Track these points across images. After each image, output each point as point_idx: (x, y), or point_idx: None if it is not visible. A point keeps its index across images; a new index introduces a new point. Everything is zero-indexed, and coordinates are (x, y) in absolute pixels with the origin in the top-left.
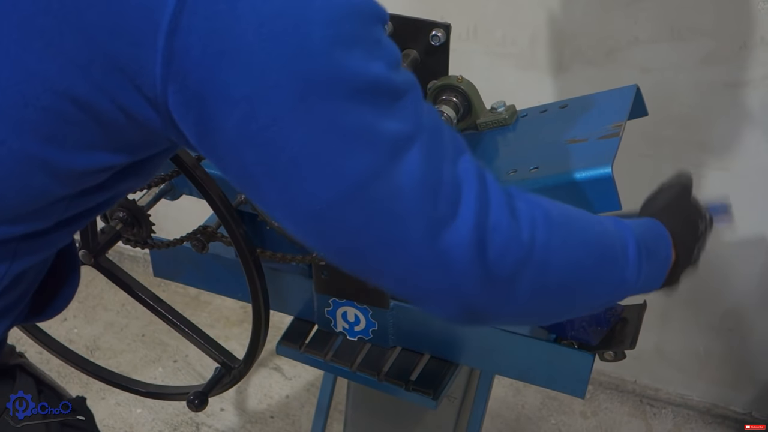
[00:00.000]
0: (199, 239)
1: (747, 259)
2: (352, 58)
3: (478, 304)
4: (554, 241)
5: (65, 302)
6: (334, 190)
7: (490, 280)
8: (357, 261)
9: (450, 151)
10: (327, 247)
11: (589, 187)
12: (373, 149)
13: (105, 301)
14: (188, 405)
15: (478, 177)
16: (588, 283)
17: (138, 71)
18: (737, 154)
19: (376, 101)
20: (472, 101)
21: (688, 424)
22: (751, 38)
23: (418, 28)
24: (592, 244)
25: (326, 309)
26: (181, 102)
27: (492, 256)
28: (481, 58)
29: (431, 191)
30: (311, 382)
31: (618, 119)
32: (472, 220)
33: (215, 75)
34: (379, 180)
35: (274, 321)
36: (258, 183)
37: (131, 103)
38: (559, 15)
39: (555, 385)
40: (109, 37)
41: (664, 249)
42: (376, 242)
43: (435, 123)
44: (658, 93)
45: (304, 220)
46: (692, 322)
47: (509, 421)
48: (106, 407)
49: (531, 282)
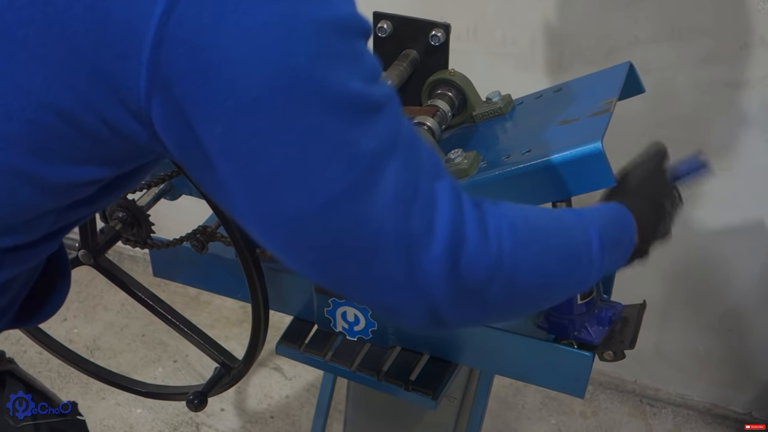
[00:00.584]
0: (199, 239)
1: (747, 259)
2: (335, 73)
3: (447, 313)
4: (520, 250)
5: (55, 308)
6: (311, 203)
7: (460, 292)
8: (329, 274)
9: (426, 167)
10: (299, 260)
11: (582, 164)
12: (351, 163)
13: (105, 301)
14: (188, 405)
15: (452, 193)
16: (553, 284)
17: (122, 84)
18: (737, 154)
19: (356, 115)
20: (467, 94)
21: (688, 424)
22: (751, 38)
23: (418, 28)
24: (558, 246)
25: (326, 309)
26: (164, 114)
27: (463, 270)
28: (481, 58)
29: (406, 206)
30: (311, 382)
31: (609, 96)
32: (445, 235)
33: (199, 88)
34: (356, 194)
35: (274, 321)
36: (234, 195)
37: (115, 116)
38: (559, 15)
39: (555, 385)
40: (93, 48)
41: (628, 235)
42: (349, 256)
43: (412, 138)
44: (658, 93)
45: (277, 232)
46: (692, 322)
47: (509, 421)
48: (106, 407)
49: (499, 291)
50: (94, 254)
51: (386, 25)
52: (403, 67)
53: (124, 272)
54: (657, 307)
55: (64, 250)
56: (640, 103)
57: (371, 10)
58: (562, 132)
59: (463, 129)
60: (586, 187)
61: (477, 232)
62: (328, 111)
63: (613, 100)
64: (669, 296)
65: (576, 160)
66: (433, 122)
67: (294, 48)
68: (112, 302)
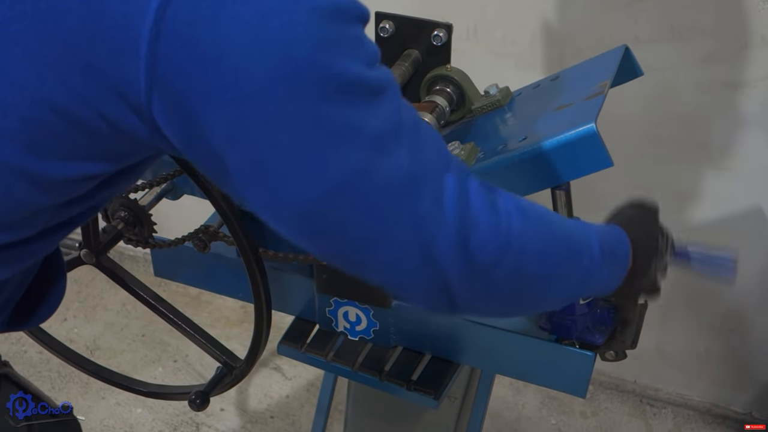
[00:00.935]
0: (201, 239)
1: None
2: (336, 59)
3: (460, 293)
4: (529, 233)
5: (51, 309)
6: (322, 188)
7: (471, 270)
8: (345, 256)
9: (432, 148)
10: (316, 244)
11: (577, 147)
12: (358, 146)
13: (105, 301)
14: (190, 404)
15: (460, 173)
16: (559, 275)
17: (120, 79)
18: (737, 154)
19: (359, 99)
20: (464, 88)
21: (688, 424)
22: (751, 38)
23: (421, 28)
24: (562, 239)
25: (327, 309)
26: (165, 108)
27: (474, 247)
28: (481, 58)
29: (416, 187)
30: (311, 382)
31: (604, 78)
32: (455, 213)
33: (200, 81)
34: (365, 176)
35: (275, 321)
36: (246, 185)
37: (114, 111)
38: (559, 15)
39: (556, 385)
40: (87, 44)
41: (624, 253)
42: (363, 238)
43: (414, 119)
44: (658, 93)
45: (292, 219)
46: (693, 322)
47: (509, 421)
48: (106, 407)
49: (508, 270)
50: (96, 253)
51: (388, 25)
52: (405, 67)
53: (126, 272)
54: (658, 307)
55: (60, 253)
56: (640, 103)
57: (373, 10)
58: (557, 117)
59: (463, 124)
60: (583, 170)
61: (487, 211)
62: (331, 97)
63: (607, 82)
64: (670, 296)
65: (571, 142)
66: (431, 118)
67: (295, 37)
68: (113, 302)
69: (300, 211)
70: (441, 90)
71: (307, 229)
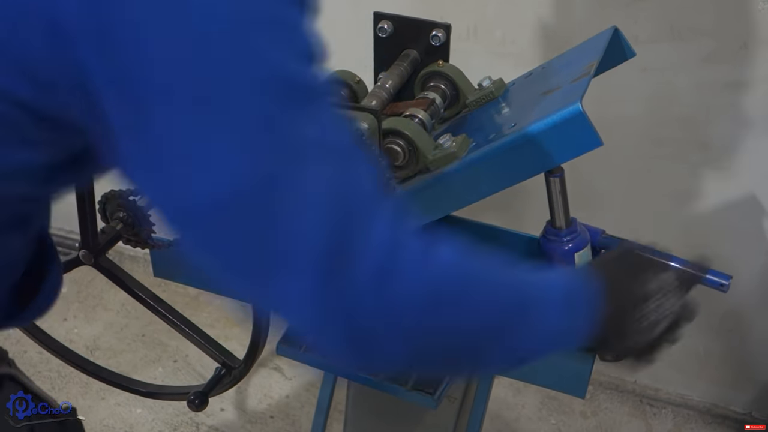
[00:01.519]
0: None
1: (747, 259)
2: (258, 45)
3: (365, 342)
4: (465, 285)
5: (49, 302)
6: (226, 189)
7: (384, 315)
8: (236, 273)
9: (365, 179)
10: (211, 253)
11: (565, 128)
12: (272, 149)
13: (105, 301)
14: (189, 405)
15: (392, 212)
16: (499, 332)
17: (28, 55)
18: (737, 154)
19: (284, 97)
20: (458, 84)
21: (688, 424)
22: (751, 38)
23: (419, 28)
24: (508, 293)
25: None
26: (98, 42)
27: (393, 294)
28: (481, 58)
29: (335, 214)
30: (311, 382)
31: (591, 60)
32: (376, 253)
33: (108, 63)
34: (275, 185)
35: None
36: (143, 174)
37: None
38: (559, 15)
39: (555, 385)
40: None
41: (590, 310)
42: (261, 256)
43: (350, 144)
44: (658, 93)
45: (188, 220)
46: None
47: (509, 421)
48: (106, 407)
49: (436, 325)
50: (95, 254)
51: (387, 25)
52: (404, 67)
53: (125, 272)
54: None
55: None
56: (640, 103)
57: (372, 10)
58: (546, 101)
59: (458, 119)
60: (574, 151)
61: (416, 259)
62: (249, 87)
63: (593, 63)
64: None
65: (558, 124)
66: (424, 114)
67: (211, 15)
68: (112, 302)
69: (196, 212)
70: (435, 86)
71: (201, 235)
